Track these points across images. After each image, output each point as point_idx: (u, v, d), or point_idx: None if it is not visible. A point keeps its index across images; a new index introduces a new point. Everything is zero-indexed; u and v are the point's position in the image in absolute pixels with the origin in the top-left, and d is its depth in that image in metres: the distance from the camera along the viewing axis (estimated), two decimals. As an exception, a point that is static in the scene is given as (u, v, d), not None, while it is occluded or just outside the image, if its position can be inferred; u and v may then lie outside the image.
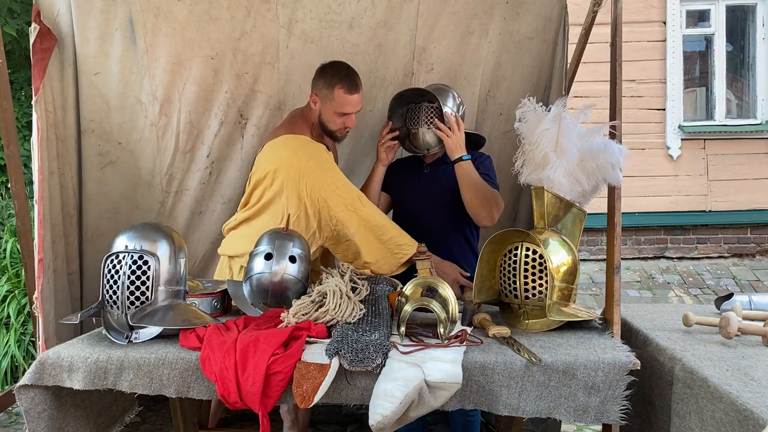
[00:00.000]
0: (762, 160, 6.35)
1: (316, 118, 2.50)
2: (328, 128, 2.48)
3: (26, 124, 5.95)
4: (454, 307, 1.86)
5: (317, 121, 2.49)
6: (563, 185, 2.00)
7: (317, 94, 2.46)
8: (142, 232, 1.87)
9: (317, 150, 2.42)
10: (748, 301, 2.12)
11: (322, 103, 2.45)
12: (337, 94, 2.40)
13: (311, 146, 2.42)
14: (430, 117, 2.46)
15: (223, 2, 2.68)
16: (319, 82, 2.46)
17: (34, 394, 1.71)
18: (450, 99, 2.52)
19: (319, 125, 2.50)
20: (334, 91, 2.40)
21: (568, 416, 1.63)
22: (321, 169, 2.38)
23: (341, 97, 2.40)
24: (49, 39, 2.55)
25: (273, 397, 1.60)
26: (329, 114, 2.44)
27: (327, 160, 2.42)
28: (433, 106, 2.47)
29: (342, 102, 2.40)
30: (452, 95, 2.54)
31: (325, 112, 2.45)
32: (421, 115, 2.48)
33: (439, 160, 2.52)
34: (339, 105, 2.41)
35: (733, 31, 6.56)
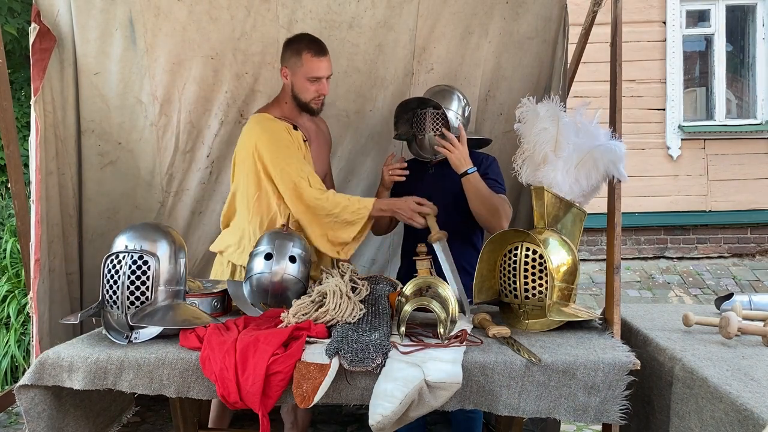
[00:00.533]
0: (762, 160, 6.35)
1: (289, 92, 2.46)
2: (302, 99, 2.43)
3: (26, 124, 5.94)
4: (454, 307, 1.86)
5: (290, 95, 2.45)
6: (563, 185, 2.00)
7: (286, 66, 2.42)
8: (142, 232, 1.87)
9: (275, 127, 2.39)
10: (748, 301, 2.12)
11: (292, 74, 2.41)
12: (305, 59, 2.36)
13: (269, 123, 2.40)
14: (436, 123, 2.46)
15: (223, 2, 2.68)
16: (286, 53, 2.43)
17: (33, 394, 1.71)
18: (455, 101, 2.50)
19: (293, 100, 2.46)
20: (302, 57, 2.37)
21: (568, 416, 1.63)
22: (274, 145, 2.35)
23: (310, 61, 2.36)
24: (49, 39, 2.56)
25: (273, 397, 1.60)
26: (301, 82, 2.40)
27: (282, 138, 2.38)
28: (438, 112, 2.47)
29: (311, 66, 2.37)
30: (457, 97, 2.52)
31: (297, 82, 2.41)
32: (427, 121, 2.46)
33: (444, 162, 2.52)
34: (309, 69, 2.37)
35: (733, 31, 6.56)
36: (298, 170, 2.34)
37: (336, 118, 3.00)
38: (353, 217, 2.31)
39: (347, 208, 2.31)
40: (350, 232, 2.32)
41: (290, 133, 2.41)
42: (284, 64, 2.44)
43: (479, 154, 2.57)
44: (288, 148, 2.37)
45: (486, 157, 2.56)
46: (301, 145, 2.43)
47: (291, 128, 2.43)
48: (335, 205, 2.31)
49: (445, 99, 2.48)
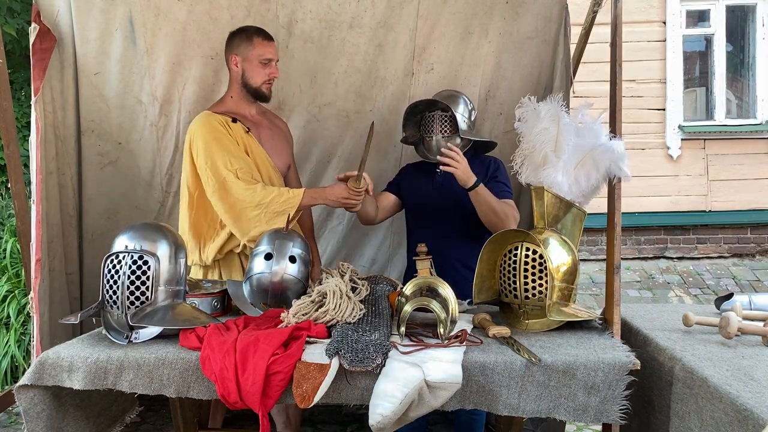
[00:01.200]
0: (762, 160, 6.35)
1: (238, 82, 2.47)
2: (253, 84, 2.45)
3: (26, 124, 5.94)
4: (454, 307, 1.86)
5: (240, 84, 2.47)
6: (563, 185, 2.00)
7: (236, 53, 2.44)
8: (142, 232, 1.87)
9: (210, 121, 2.41)
10: (748, 301, 2.12)
11: (243, 60, 2.43)
12: (256, 42, 2.42)
13: (206, 118, 2.43)
14: (444, 126, 2.48)
15: (223, 2, 2.68)
16: (233, 42, 2.46)
17: (33, 394, 1.71)
18: (462, 105, 2.54)
19: (243, 89, 2.47)
20: (253, 41, 2.42)
21: (568, 416, 1.63)
22: (206, 138, 2.36)
23: (261, 44, 2.42)
24: (49, 39, 2.56)
25: (273, 397, 1.60)
26: (253, 67, 2.43)
27: (216, 131, 2.38)
28: (446, 114, 2.49)
29: (263, 49, 2.42)
30: (464, 101, 2.56)
31: (249, 68, 2.44)
32: (435, 123, 2.49)
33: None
34: (261, 52, 2.42)
35: (733, 31, 6.55)
36: (225, 163, 2.33)
37: (336, 118, 3.00)
38: (282, 207, 2.29)
39: (276, 199, 2.30)
40: (279, 223, 2.27)
41: (227, 126, 2.42)
42: (233, 52, 2.45)
43: (486, 157, 2.58)
44: (220, 141, 2.37)
45: (493, 160, 2.57)
46: (242, 137, 2.43)
47: (229, 121, 2.44)
48: (265, 196, 2.29)
49: (452, 103, 2.51)
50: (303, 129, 3.03)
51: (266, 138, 2.52)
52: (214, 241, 2.43)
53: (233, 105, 2.50)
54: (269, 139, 2.54)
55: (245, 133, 2.45)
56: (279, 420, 2.55)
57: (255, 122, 2.53)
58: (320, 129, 3.04)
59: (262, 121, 2.57)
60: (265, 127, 2.56)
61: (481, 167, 2.48)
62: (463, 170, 2.30)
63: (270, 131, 2.57)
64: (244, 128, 2.46)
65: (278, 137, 2.60)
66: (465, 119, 2.52)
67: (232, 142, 2.39)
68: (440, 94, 2.60)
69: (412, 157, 2.82)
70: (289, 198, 2.30)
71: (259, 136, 2.50)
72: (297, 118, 3.01)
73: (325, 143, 3.07)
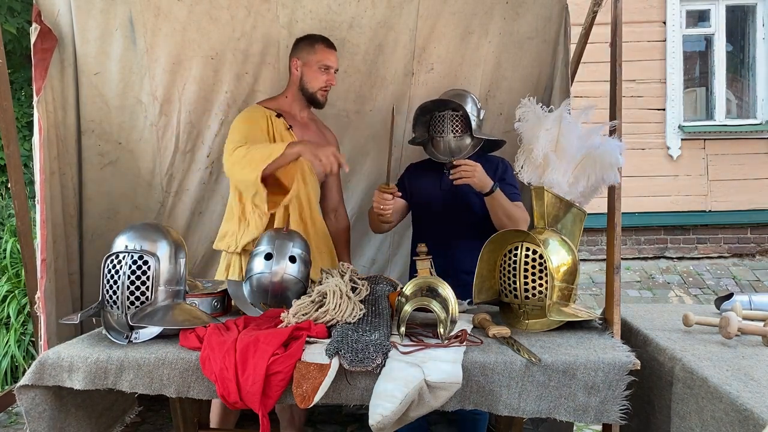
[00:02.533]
0: (762, 160, 6.35)
1: (296, 84, 2.54)
2: (310, 89, 2.51)
3: (26, 124, 5.94)
4: (454, 307, 1.86)
5: (298, 87, 2.54)
6: (563, 185, 2.00)
7: (298, 57, 2.52)
8: (142, 232, 1.87)
9: (252, 112, 2.52)
10: (748, 301, 2.12)
11: (304, 64, 2.51)
12: (318, 49, 2.49)
13: (250, 110, 2.55)
14: (455, 125, 2.48)
15: (223, 2, 2.68)
16: (298, 46, 2.55)
17: (34, 394, 1.71)
18: (470, 104, 2.52)
19: (300, 91, 2.54)
20: (316, 47, 2.50)
21: (568, 416, 1.63)
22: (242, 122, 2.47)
23: (323, 50, 2.50)
24: (50, 39, 2.56)
25: (273, 397, 1.60)
26: (312, 72, 2.50)
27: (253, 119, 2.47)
28: (457, 114, 2.48)
29: (324, 55, 2.49)
30: (472, 99, 2.55)
31: (308, 72, 2.51)
32: (446, 123, 2.49)
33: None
34: (322, 58, 2.49)
35: (733, 31, 6.56)
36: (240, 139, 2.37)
37: (336, 118, 3.00)
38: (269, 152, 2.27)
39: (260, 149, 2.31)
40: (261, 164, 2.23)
41: (269, 119, 2.48)
42: (295, 55, 2.54)
43: (493, 157, 2.56)
44: (250, 127, 2.42)
45: (501, 161, 2.55)
46: (280, 132, 2.48)
47: (273, 115, 2.50)
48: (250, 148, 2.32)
49: (462, 102, 2.49)
50: (303, 129, 3.03)
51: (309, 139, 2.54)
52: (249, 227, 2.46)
53: (286, 104, 2.58)
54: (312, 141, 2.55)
55: (286, 129, 2.51)
56: (283, 417, 2.55)
57: (303, 124, 2.58)
58: (320, 129, 3.04)
59: (310, 125, 2.62)
60: (310, 131, 2.60)
61: (489, 168, 2.45)
62: (479, 177, 2.29)
63: (315, 135, 2.61)
64: (286, 125, 2.51)
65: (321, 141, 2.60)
66: (475, 118, 2.51)
67: (263, 134, 2.44)
68: (448, 93, 2.59)
69: (413, 156, 2.82)
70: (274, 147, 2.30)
71: (302, 136, 2.54)
72: (297, 118, 3.01)
73: (325, 143, 3.07)
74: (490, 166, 2.48)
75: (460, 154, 2.47)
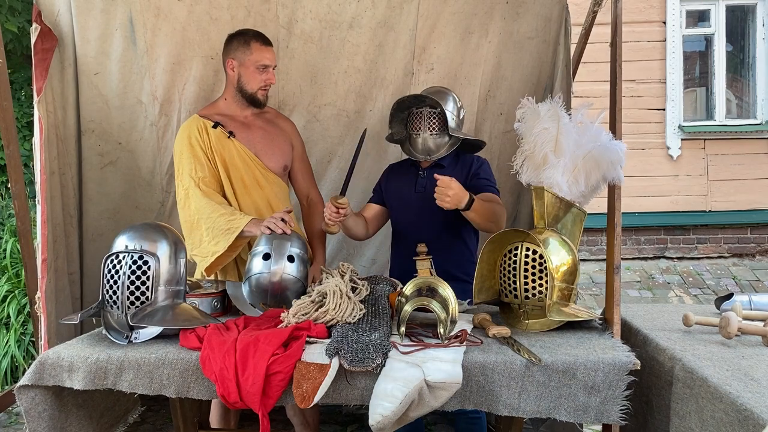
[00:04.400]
0: (762, 160, 6.35)
1: (234, 85, 2.46)
2: (249, 90, 2.44)
3: (26, 124, 5.94)
4: (454, 307, 1.86)
5: (236, 88, 2.46)
6: (563, 185, 2.00)
7: (233, 57, 2.43)
8: (142, 232, 1.87)
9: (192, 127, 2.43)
10: (748, 301, 2.12)
11: (240, 64, 2.42)
12: (254, 48, 2.39)
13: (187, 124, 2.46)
14: (432, 123, 2.40)
15: (223, 2, 2.68)
16: (232, 44, 2.44)
17: (34, 394, 1.71)
18: (450, 102, 2.45)
19: (238, 92, 2.46)
20: (251, 46, 2.39)
21: (568, 416, 1.63)
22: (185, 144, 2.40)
23: (259, 49, 2.39)
24: (51, 39, 2.56)
25: (273, 397, 1.61)
26: (250, 72, 2.42)
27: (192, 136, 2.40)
28: (435, 111, 2.42)
29: (261, 54, 2.39)
30: (452, 98, 2.47)
31: (245, 72, 2.42)
32: (423, 120, 2.41)
33: (435, 164, 2.48)
34: (259, 57, 2.39)
35: (733, 31, 6.55)
36: (191, 171, 2.36)
37: (336, 118, 3.00)
38: (228, 225, 2.26)
39: (225, 216, 2.27)
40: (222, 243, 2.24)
41: (205, 132, 2.42)
42: (230, 55, 2.44)
43: (468, 156, 2.49)
44: (192, 148, 2.39)
45: (476, 158, 2.49)
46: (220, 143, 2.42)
47: (209, 126, 2.43)
48: (217, 209, 2.29)
49: (441, 99, 2.43)
50: (303, 129, 3.03)
51: (258, 140, 2.49)
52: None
53: (225, 107, 2.50)
54: (261, 141, 2.50)
55: (227, 138, 2.43)
56: (296, 422, 2.53)
57: (247, 124, 2.50)
58: (320, 129, 3.03)
59: (255, 122, 2.53)
60: (258, 129, 2.52)
61: (463, 167, 2.42)
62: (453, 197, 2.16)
63: (264, 132, 2.53)
64: (226, 133, 2.43)
65: (275, 138, 2.56)
66: (454, 117, 2.43)
67: (205, 150, 2.40)
68: (428, 90, 2.53)
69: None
70: (237, 219, 2.26)
71: (249, 138, 2.47)
72: (297, 118, 3.01)
73: (325, 143, 3.07)
74: (464, 164, 2.43)
75: (437, 153, 2.41)
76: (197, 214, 2.31)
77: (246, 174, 2.43)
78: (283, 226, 2.17)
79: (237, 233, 2.23)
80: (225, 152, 2.42)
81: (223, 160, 2.41)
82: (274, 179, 2.52)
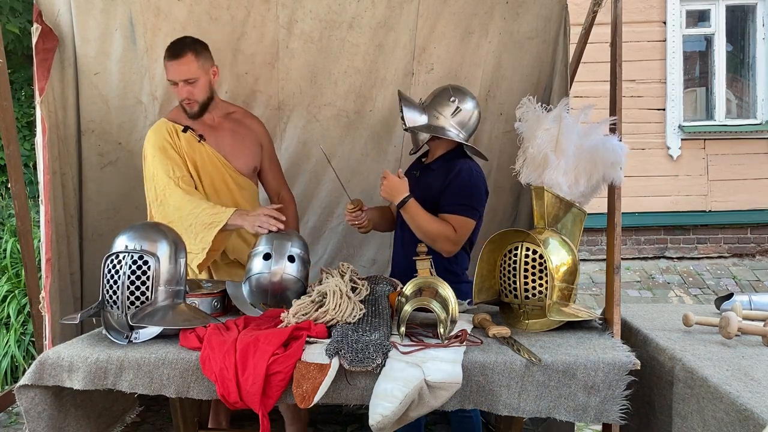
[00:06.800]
0: (762, 160, 6.35)
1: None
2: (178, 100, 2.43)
3: (26, 124, 5.95)
4: (454, 307, 1.86)
5: None
6: (563, 185, 2.00)
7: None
8: (142, 232, 1.87)
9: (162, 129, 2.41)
10: (748, 301, 2.12)
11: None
12: (165, 64, 2.36)
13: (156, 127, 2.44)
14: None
15: (223, 2, 2.68)
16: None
17: (34, 394, 1.71)
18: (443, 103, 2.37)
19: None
20: (164, 61, 2.36)
21: (568, 416, 1.63)
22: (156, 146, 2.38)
23: (167, 65, 2.35)
24: (52, 39, 2.56)
25: (273, 397, 1.61)
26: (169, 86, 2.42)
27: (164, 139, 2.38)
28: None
29: (166, 70, 2.36)
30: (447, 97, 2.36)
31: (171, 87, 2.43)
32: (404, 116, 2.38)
33: (427, 166, 2.46)
34: (167, 73, 2.36)
35: (733, 31, 6.55)
36: (168, 171, 2.34)
37: (336, 118, 3.00)
38: (211, 219, 2.25)
39: (208, 210, 2.26)
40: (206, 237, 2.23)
41: (176, 136, 2.41)
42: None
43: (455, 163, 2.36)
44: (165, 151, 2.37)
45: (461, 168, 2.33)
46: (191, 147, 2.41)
47: (179, 130, 2.42)
48: (199, 204, 2.28)
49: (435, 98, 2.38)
50: (303, 129, 3.03)
51: (227, 142, 2.49)
52: None
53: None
54: (230, 143, 2.50)
55: (197, 142, 2.43)
56: (287, 415, 2.54)
57: (214, 126, 2.49)
58: (320, 129, 3.03)
59: (223, 124, 2.51)
60: (225, 131, 2.51)
61: (442, 173, 2.33)
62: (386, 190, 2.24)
63: (233, 134, 2.52)
64: (196, 137, 2.43)
65: (244, 139, 2.54)
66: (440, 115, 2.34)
67: (178, 152, 2.39)
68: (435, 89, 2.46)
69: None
70: (220, 212, 2.25)
71: (217, 141, 2.47)
72: (297, 118, 3.01)
73: (324, 143, 3.06)
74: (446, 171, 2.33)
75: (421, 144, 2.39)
76: (179, 212, 2.29)
77: (216, 177, 2.44)
78: (275, 222, 2.17)
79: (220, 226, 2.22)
80: (196, 156, 2.42)
81: (194, 164, 2.42)
82: (244, 182, 2.53)
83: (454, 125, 2.35)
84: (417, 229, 2.27)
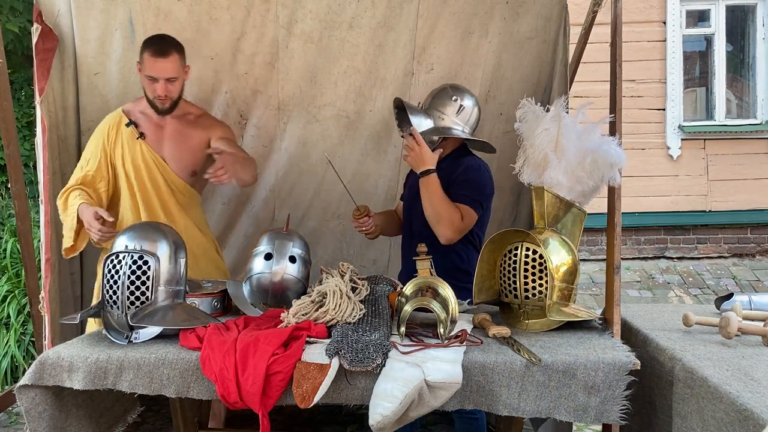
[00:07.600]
0: (762, 160, 6.35)
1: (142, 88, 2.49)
2: (149, 96, 2.45)
3: (26, 124, 5.95)
4: (454, 307, 1.85)
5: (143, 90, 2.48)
6: (563, 185, 2.00)
7: (138, 61, 2.45)
8: (142, 232, 1.88)
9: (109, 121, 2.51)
10: (748, 301, 2.12)
11: (140, 70, 2.44)
12: (145, 58, 2.38)
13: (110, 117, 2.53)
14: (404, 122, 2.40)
15: (223, 2, 2.69)
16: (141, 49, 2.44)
17: (34, 394, 1.71)
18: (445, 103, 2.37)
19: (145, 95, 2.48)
20: (143, 55, 2.38)
21: (568, 416, 1.62)
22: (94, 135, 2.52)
23: (148, 59, 2.37)
24: (52, 39, 2.56)
25: (273, 397, 1.60)
26: (144, 81, 2.43)
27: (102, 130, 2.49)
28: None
29: (149, 65, 2.37)
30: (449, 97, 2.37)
31: (142, 80, 2.44)
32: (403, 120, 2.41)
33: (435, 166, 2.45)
34: (147, 68, 2.38)
35: (733, 31, 6.56)
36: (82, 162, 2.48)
37: (336, 118, 3.00)
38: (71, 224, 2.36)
39: (69, 214, 2.36)
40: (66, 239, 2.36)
41: (116, 129, 2.48)
42: (138, 59, 2.46)
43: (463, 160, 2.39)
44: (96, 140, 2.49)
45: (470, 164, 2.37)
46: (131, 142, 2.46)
47: (122, 124, 2.48)
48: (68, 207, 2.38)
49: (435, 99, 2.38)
50: (303, 129, 3.03)
51: (167, 144, 2.50)
52: None
53: (145, 105, 2.50)
54: (171, 145, 2.50)
55: (135, 138, 2.46)
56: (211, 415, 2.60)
57: (161, 126, 2.50)
58: (320, 129, 3.03)
59: (171, 125, 2.51)
60: (171, 132, 2.51)
61: (450, 168, 2.33)
62: (413, 157, 2.26)
63: (178, 135, 2.51)
64: (136, 134, 2.47)
65: (188, 142, 2.52)
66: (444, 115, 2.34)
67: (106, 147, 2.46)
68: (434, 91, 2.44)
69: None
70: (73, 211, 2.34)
71: (159, 141, 2.49)
72: (297, 119, 3.01)
73: (324, 144, 3.06)
74: (456, 167, 2.34)
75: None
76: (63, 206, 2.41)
77: (148, 177, 2.46)
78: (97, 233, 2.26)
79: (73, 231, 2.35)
80: (132, 152, 2.45)
81: (132, 159, 2.45)
82: (181, 185, 2.53)
83: (458, 123, 2.38)
84: (429, 204, 2.27)
